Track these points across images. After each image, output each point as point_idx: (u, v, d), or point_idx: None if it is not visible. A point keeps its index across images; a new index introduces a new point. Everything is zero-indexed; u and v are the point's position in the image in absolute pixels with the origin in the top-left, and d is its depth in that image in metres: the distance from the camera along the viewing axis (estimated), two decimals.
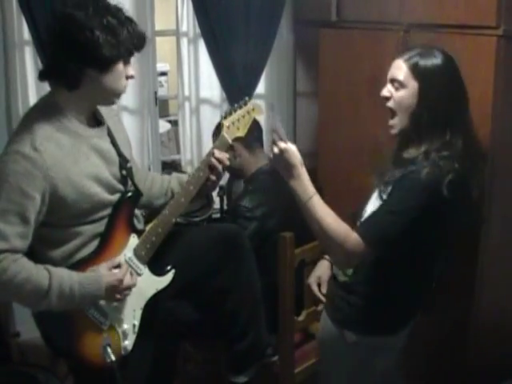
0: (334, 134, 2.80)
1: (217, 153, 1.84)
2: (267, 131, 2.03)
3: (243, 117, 1.87)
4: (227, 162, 1.86)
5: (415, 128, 1.65)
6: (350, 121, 2.63)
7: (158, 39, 3.01)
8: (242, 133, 1.88)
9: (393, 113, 1.70)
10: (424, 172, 1.57)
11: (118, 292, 1.71)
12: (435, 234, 1.66)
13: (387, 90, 1.70)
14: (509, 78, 1.97)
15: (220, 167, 1.84)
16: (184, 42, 2.95)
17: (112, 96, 1.70)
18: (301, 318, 2.20)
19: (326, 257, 2.09)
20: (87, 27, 1.55)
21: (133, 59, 1.70)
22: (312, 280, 2.09)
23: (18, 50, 2.62)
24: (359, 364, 1.79)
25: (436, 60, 1.64)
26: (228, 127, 1.84)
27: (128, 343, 1.77)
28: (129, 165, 1.81)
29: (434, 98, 1.62)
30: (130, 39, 1.62)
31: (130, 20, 1.64)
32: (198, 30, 2.88)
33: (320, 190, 2.80)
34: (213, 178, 1.86)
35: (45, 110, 1.65)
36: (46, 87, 2.60)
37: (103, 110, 1.80)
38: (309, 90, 3.11)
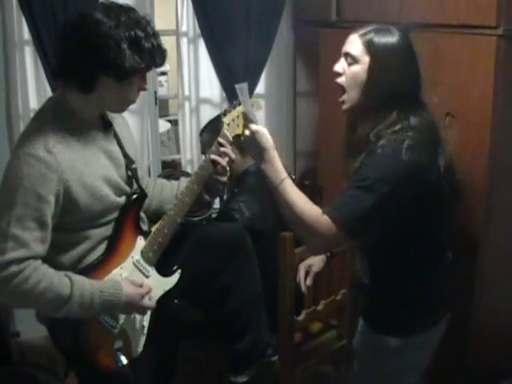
0: (333, 134, 2.79)
1: (222, 147, 1.82)
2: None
3: (243, 114, 1.87)
4: (233, 155, 1.85)
5: (365, 106, 1.61)
6: None
7: None
8: (241, 130, 1.88)
9: (343, 89, 1.66)
10: (379, 145, 1.54)
11: (135, 308, 1.71)
12: (419, 206, 1.58)
13: (340, 66, 1.66)
14: (509, 78, 1.97)
15: (224, 161, 1.83)
16: (184, 41, 2.95)
17: (122, 105, 1.70)
18: (301, 318, 2.19)
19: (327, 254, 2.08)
20: (114, 38, 1.53)
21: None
22: (302, 266, 2.06)
23: (18, 50, 2.61)
24: (405, 364, 1.74)
25: (391, 38, 1.60)
26: (228, 124, 1.83)
27: (139, 345, 1.76)
28: (134, 165, 1.81)
29: (383, 75, 1.58)
30: (153, 55, 1.61)
31: (155, 35, 1.63)
32: (197, 30, 2.88)
33: (320, 189, 2.84)
34: (216, 175, 1.84)
35: (55, 112, 1.63)
36: (46, 87, 2.64)
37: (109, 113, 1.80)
38: (309, 89, 3.11)
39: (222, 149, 1.82)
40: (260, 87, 3.06)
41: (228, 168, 1.87)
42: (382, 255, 1.70)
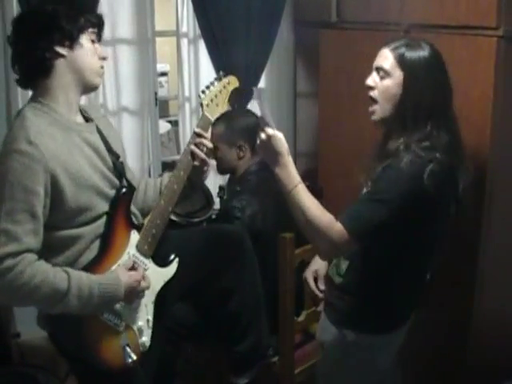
0: (334, 134, 2.80)
1: (196, 139, 1.80)
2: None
3: (220, 92, 1.83)
4: (210, 144, 1.83)
5: (398, 119, 1.64)
6: (350, 121, 2.63)
7: (158, 40, 3.00)
8: (222, 109, 1.85)
9: (374, 100, 1.68)
10: (404, 161, 1.56)
11: (135, 294, 1.70)
12: (422, 228, 1.63)
13: (372, 80, 1.68)
14: (509, 79, 1.97)
15: (201, 153, 1.81)
16: (184, 42, 2.94)
17: (88, 77, 1.69)
18: (301, 319, 2.20)
19: None
20: (43, 8, 1.63)
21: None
22: (308, 274, 2.06)
23: None
24: (360, 364, 1.79)
25: (423, 52, 1.63)
26: (207, 105, 1.80)
27: (145, 339, 1.75)
28: (120, 159, 1.80)
29: (417, 89, 1.61)
30: (83, 12, 1.68)
31: None
32: (198, 31, 2.88)
33: (320, 190, 2.84)
34: (196, 163, 1.82)
35: (32, 109, 1.64)
36: None
37: (90, 111, 1.80)
38: (309, 90, 3.11)
39: (197, 140, 1.80)
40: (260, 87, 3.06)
41: (207, 159, 1.83)
42: (368, 260, 1.72)
